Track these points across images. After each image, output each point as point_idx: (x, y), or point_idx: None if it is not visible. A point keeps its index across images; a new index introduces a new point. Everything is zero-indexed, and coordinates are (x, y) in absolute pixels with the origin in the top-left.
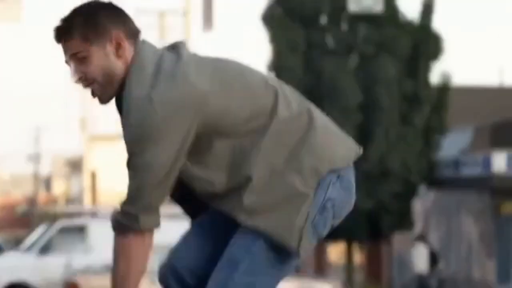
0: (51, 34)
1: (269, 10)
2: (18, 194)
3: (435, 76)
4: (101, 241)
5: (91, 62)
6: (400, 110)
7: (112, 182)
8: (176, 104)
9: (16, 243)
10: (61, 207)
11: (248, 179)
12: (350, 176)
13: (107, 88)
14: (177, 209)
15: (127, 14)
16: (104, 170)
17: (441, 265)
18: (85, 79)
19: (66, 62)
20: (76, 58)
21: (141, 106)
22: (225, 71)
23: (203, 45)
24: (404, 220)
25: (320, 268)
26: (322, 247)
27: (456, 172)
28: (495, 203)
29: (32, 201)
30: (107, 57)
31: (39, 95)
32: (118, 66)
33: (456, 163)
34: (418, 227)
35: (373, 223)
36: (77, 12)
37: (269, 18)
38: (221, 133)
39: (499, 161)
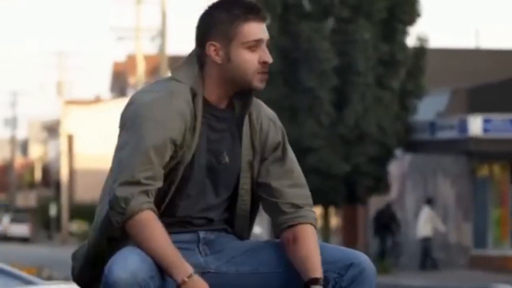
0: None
1: None
2: None
3: (411, 39)
4: None
5: None
6: (376, 73)
7: (88, 146)
8: None
9: None
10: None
11: None
12: None
13: None
14: None
15: None
16: (80, 134)
17: (394, 228)
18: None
19: (258, 41)
20: (268, 44)
21: None
22: None
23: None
24: (380, 184)
25: None
26: None
27: (433, 135)
28: (472, 166)
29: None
30: None
31: (15, 59)
32: None
33: (432, 126)
34: (394, 190)
35: (349, 186)
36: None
37: None
38: None
39: (475, 125)
